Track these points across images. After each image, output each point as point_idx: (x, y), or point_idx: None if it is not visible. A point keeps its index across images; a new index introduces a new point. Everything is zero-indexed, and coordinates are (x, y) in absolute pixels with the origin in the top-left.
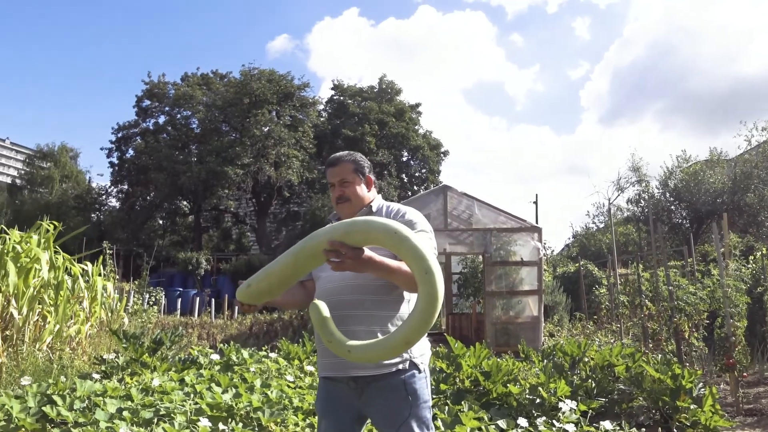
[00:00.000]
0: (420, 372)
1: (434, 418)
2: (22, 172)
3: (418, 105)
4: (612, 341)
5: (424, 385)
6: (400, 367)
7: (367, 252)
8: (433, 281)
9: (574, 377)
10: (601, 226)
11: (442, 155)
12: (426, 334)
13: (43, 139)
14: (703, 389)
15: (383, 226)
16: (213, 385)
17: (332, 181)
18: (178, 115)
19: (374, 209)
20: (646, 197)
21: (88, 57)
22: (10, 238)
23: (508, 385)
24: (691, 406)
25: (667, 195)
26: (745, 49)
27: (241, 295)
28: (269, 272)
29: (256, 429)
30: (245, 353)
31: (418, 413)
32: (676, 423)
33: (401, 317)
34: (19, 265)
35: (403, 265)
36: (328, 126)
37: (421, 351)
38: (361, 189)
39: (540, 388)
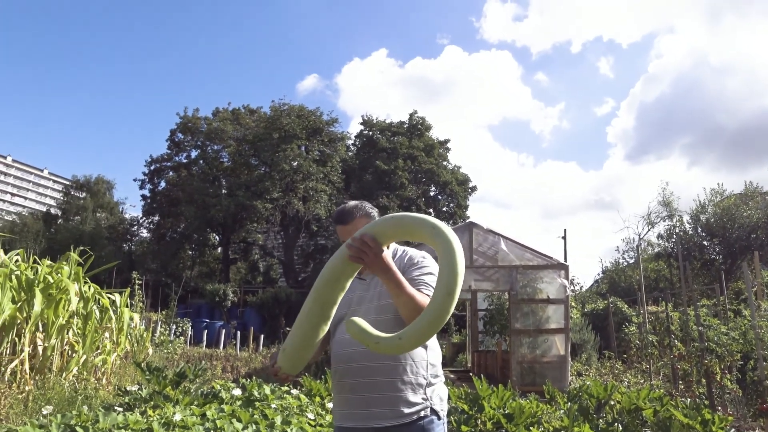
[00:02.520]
0: (439, 419)
1: None
2: (59, 201)
3: (446, 141)
4: (642, 382)
5: (442, 431)
6: (422, 413)
7: (389, 259)
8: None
9: (600, 420)
10: (631, 261)
11: (469, 190)
12: (444, 380)
13: (80, 170)
14: None
15: (419, 219)
16: (234, 420)
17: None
18: (210, 149)
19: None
20: (678, 232)
21: (126, 92)
22: (41, 269)
23: (531, 428)
24: None
25: (699, 230)
26: None
27: (282, 360)
28: (298, 321)
29: None
30: (267, 389)
31: None
32: None
33: (419, 363)
34: (48, 295)
35: (415, 292)
36: (356, 161)
37: (441, 397)
38: None
39: None
